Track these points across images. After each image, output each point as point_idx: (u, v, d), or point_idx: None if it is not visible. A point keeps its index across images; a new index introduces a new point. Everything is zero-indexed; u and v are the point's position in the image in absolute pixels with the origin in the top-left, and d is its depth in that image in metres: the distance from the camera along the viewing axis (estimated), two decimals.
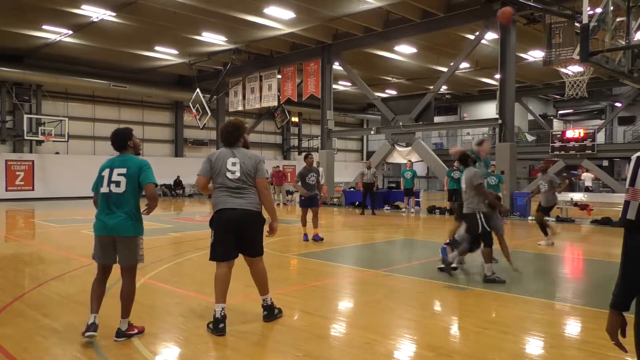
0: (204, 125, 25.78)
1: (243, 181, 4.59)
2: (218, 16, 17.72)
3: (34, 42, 21.34)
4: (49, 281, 6.55)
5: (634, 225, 1.91)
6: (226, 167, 4.59)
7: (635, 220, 1.91)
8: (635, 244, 1.92)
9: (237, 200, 4.58)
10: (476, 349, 4.17)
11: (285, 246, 10.22)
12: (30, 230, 13.25)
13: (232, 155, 4.63)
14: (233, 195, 4.58)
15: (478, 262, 8.67)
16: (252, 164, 4.62)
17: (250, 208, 4.61)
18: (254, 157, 4.68)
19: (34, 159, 24.52)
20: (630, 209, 1.92)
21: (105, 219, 4.36)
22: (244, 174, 4.59)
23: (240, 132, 4.74)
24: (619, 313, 1.99)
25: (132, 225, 4.43)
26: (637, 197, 1.91)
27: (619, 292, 1.97)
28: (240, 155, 4.64)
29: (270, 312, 4.90)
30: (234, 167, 4.59)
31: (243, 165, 4.59)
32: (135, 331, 4.42)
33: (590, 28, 7.42)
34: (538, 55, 21.08)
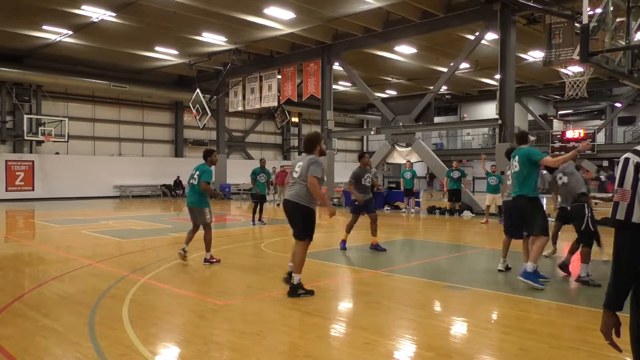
0: (204, 125, 25.78)
1: (297, 180, 5.86)
2: (218, 16, 17.72)
3: (34, 43, 21.34)
4: (49, 281, 6.56)
5: (624, 225, 1.96)
6: (294, 169, 5.99)
7: (624, 220, 1.95)
8: (624, 243, 1.97)
9: (289, 192, 5.96)
10: (476, 349, 4.18)
11: (285, 246, 10.22)
12: (30, 230, 13.25)
13: (301, 160, 5.96)
14: (289, 189, 6.01)
15: (476, 263, 8.67)
16: (306, 165, 5.78)
17: (293, 199, 5.84)
18: (310, 160, 5.83)
19: (34, 159, 24.52)
20: (620, 210, 1.97)
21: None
22: (301, 174, 5.82)
23: (313, 143, 6.02)
24: (612, 313, 2.02)
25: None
26: (626, 197, 1.95)
27: (611, 291, 2.01)
28: (304, 160, 5.88)
29: (293, 289, 5.79)
30: (298, 169, 5.90)
31: (302, 168, 5.82)
32: (215, 260, 7.50)
33: (590, 28, 7.42)
34: (538, 56, 21.08)
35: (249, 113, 32.22)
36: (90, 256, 8.44)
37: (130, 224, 13.81)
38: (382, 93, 31.03)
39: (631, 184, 1.96)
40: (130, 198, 26.31)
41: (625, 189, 1.97)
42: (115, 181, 26.72)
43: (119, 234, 11.51)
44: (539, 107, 35.98)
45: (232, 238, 11.16)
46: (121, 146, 28.41)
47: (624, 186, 1.97)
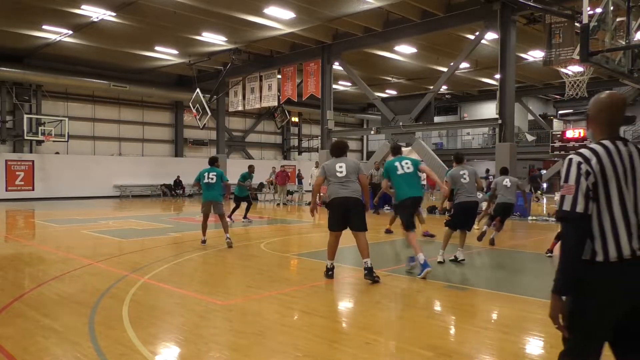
0: (204, 125, 25.77)
1: (347, 178, 6.57)
2: (218, 16, 17.72)
3: (34, 42, 21.34)
4: (49, 281, 6.56)
5: (569, 215, 2.19)
6: (336, 169, 6.62)
7: (569, 210, 2.19)
8: (569, 233, 2.21)
9: (345, 190, 6.54)
10: (476, 349, 4.18)
11: (285, 246, 10.23)
12: (30, 230, 13.25)
13: (338, 162, 6.70)
14: (344, 187, 6.55)
15: (476, 263, 8.67)
16: (354, 165, 6.71)
17: (355, 195, 6.56)
18: (355, 161, 6.87)
19: (34, 159, 24.51)
20: (566, 202, 2.21)
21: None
22: (352, 173, 6.60)
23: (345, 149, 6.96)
24: (559, 298, 2.22)
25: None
26: (571, 191, 2.20)
27: (559, 278, 2.21)
28: (344, 162, 6.70)
29: (369, 271, 6.47)
30: (341, 169, 6.62)
31: (350, 167, 6.62)
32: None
33: (590, 28, 7.43)
34: (538, 55, 21.07)
35: (249, 113, 32.22)
36: (90, 256, 8.44)
37: (130, 224, 13.81)
38: (382, 93, 31.02)
39: (574, 179, 2.20)
40: (130, 198, 26.31)
41: (570, 184, 2.21)
42: (115, 181, 26.72)
43: (119, 234, 11.51)
44: (539, 106, 35.98)
45: (232, 237, 11.16)
46: (121, 146, 28.41)
47: (569, 182, 2.22)
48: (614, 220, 2.19)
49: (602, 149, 2.25)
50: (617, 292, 2.16)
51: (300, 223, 14.95)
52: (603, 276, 2.17)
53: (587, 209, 2.18)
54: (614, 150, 2.24)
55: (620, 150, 2.25)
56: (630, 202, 2.21)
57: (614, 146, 2.26)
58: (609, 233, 2.18)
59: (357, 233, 6.65)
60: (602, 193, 2.20)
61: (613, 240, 2.17)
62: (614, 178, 2.20)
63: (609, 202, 2.20)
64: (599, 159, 2.21)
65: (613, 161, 2.22)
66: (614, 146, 2.26)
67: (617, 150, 2.25)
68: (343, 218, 6.62)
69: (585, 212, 2.18)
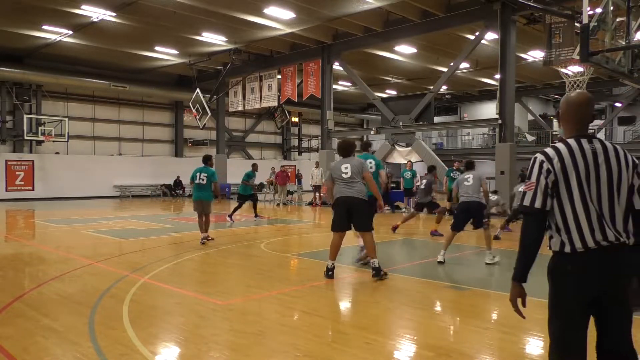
0: (204, 125, 25.77)
1: (351, 179, 6.67)
2: (218, 16, 17.72)
3: (34, 42, 21.34)
4: (49, 281, 6.56)
5: (528, 210, 2.37)
6: (341, 170, 6.72)
7: (529, 206, 2.36)
8: (528, 225, 2.39)
9: (348, 190, 6.65)
10: (476, 349, 4.17)
11: (285, 246, 10.23)
12: (30, 230, 13.25)
13: (344, 162, 6.80)
14: (347, 187, 6.66)
15: (477, 263, 8.67)
16: (359, 165, 6.73)
17: (356, 195, 6.63)
18: (360, 160, 6.85)
19: (34, 159, 24.52)
20: (526, 198, 2.38)
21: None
22: (356, 173, 6.67)
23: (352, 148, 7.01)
24: (519, 285, 2.47)
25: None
26: (531, 188, 2.37)
27: (518, 266, 2.43)
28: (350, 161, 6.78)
29: (377, 271, 6.63)
30: (346, 170, 6.70)
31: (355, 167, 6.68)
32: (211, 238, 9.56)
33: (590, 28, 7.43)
34: (538, 56, 21.06)
35: (248, 113, 32.21)
36: (90, 256, 8.44)
37: (130, 224, 13.81)
38: (382, 93, 31.02)
39: (535, 177, 2.37)
40: (130, 198, 26.32)
41: (531, 181, 2.38)
42: (115, 181, 26.73)
43: (119, 234, 11.51)
44: (539, 106, 35.96)
45: (232, 237, 11.17)
46: (121, 146, 28.41)
47: (531, 179, 2.39)
48: (576, 214, 2.32)
49: (565, 147, 2.37)
50: (586, 280, 2.31)
51: (300, 223, 14.95)
52: (572, 265, 2.33)
53: (545, 204, 2.34)
54: (576, 148, 2.36)
55: (584, 148, 2.36)
56: (593, 197, 2.32)
57: (577, 145, 2.37)
58: (572, 226, 2.32)
59: (362, 233, 6.83)
60: (564, 189, 2.33)
61: (577, 232, 2.31)
62: (574, 175, 2.32)
63: (570, 198, 2.33)
64: (561, 157, 2.35)
65: (575, 159, 2.34)
66: (578, 145, 2.37)
67: (580, 149, 2.36)
68: (346, 218, 6.71)
69: (543, 207, 2.34)
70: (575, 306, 2.35)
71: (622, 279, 2.34)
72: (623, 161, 2.38)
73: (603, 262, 2.30)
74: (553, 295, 2.43)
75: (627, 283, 2.38)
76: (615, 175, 2.35)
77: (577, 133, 2.44)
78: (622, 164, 2.37)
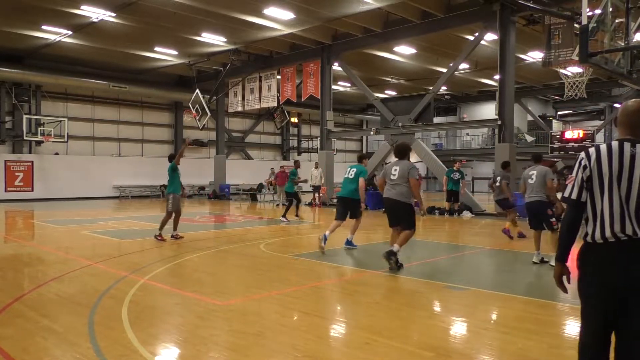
0: (203, 125, 25.76)
1: (397, 181, 7.26)
2: (218, 17, 17.72)
3: (34, 43, 21.33)
4: (48, 282, 6.55)
5: (567, 200, 2.70)
6: (391, 172, 7.37)
7: (568, 197, 2.69)
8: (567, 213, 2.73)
9: (391, 192, 7.31)
10: (476, 349, 4.18)
11: (284, 247, 10.23)
12: (30, 231, 13.24)
13: (395, 165, 7.39)
14: (391, 189, 7.33)
15: (476, 264, 8.68)
16: (406, 169, 7.25)
17: (397, 198, 7.27)
18: (409, 165, 7.32)
19: (34, 159, 24.50)
20: (567, 189, 2.71)
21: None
22: (402, 176, 7.23)
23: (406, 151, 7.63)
24: (562, 264, 2.73)
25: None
26: (571, 181, 2.70)
27: (558, 248, 2.75)
28: (400, 165, 7.35)
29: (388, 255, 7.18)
30: (395, 172, 7.31)
31: (402, 171, 7.25)
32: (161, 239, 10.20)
33: (589, 29, 7.44)
34: (537, 56, 21.05)
35: (248, 113, 32.20)
36: (90, 257, 8.43)
37: (129, 225, 13.81)
38: (381, 93, 31.02)
39: (575, 171, 2.68)
40: (129, 198, 26.31)
41: (572, 175, 2.70)
42: (114, 181, 26.72)
43: (119, 235, 11.51)
44: (539, 107, 35.98)
45: (231, 238, 11.17)
46: (120, 146, 28.40)
47: (572, 173, 2.71)
48: (602, 208, 2.57)
49: (606, 148, 2.61)
50: (603, 269, 2.53)
51: (299, 224, 14.94)
52: (592, 254, 2.59)
53: (581, 196, 2.64)
54: (616, 150, 2.58)
55: (624, 150, 2.56)
56: (622, 195, 2.53)
57: (619, 146, 2.58)
58: (597, 219, 2.58)
59: (401, 229, 7.39)
60: (597, 185, 2.60)
61: (599, 225, 2.56)
62: (607, 173, 2.56)
63: (601, 193, 2.58)
64: (598, 156, 2.60)
65: (611, 159, 2.57)
66: (619, 147, 2.58)
67: (619, 150, 2.57)
68: (391, 216, 7.50)
69: (579, 199, 2.65)
70: (592, 292, 2.57)
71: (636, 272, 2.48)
72: None
73: (620, 253, 2.50)
74: (578, 280, 2.65)
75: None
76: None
77: (625, 137, 2.65)
78: None
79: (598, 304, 2.58)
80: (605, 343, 2.58)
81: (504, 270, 7.76)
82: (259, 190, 26.35)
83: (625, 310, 2.51)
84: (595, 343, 2.60)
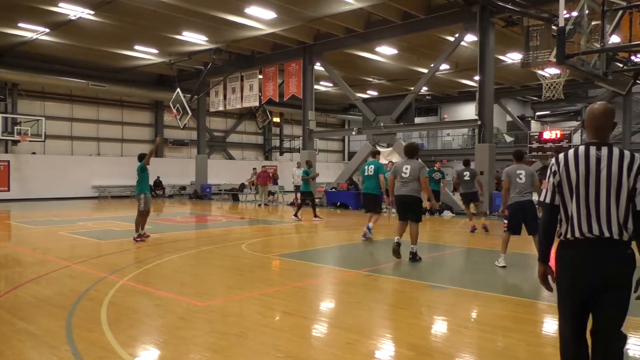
0: (184, 125, 25.54)
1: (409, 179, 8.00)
2: (198, 15, 17.59)
3: (10, 40, 20.91)
4: (25, 284, 6.43)
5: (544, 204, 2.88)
6: (402, 170, 8.09)
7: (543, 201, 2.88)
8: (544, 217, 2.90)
9: (404, 188, 8.06)
10: (456, 348, 4.22)
11: (266, 247, 10.20)
12: (6, 231, 12.98)
13: (406, 164, 8.13)
14: (403, 186, 8.08)
15: (456, 263, 8.77)
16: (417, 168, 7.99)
17: (411, 194, 8.03)
18: (419, 164, 8.07)
19: (10, 159, 24.00)
20: (542, 194, 2.90)
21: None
22: (413, 175, 7.96)
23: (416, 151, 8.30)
24: (544, 264, 2.92)
25: None
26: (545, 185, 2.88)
27: (540, 249, 2.96)
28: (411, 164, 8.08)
29: (413, 256, 7.99)
30: (406, 170, 8.03)
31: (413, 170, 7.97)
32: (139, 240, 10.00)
33: (566, 31, 7.57)
34: (516, 58, 21.37)
35: (230, 113, 32.02)
36: (68, 258, 8.30)
37: (108, 225, 13.62)
38: (363, 93, 31.14)
39: (547, 176, 2.87)
40: (109, 198, 25.96)
41: (545, 180, 2.90)
42: (93, 181, 26.33)
43: (97, 235, 11.35)
44: (517, 108, 36.48)
45: (212, 239, 11.10)
46: (100, 146, 28.01)
47: (546, 178, 2.88)
48: (571, 210, 2.75)
49: (573, 153, 2.79)
50: (574, 265, 2.72)
51: (281, 224, 14.92)
52: (565, 251, 2.79)
53: (554, 200, 2.84)
54: (582, 154, 2.74)
55: (590, 154, 2.72)
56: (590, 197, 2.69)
57: (585, 151, 2.74)
58: (568, 219, 2.76)
59: (410, 223, 8.13)
60: (566, 188, 2.77)
61: (570, 224, 2.74)
62: (575, 178, 2.74)
63: (570, 196, 2.76)
64: (566, 161, 2.79)
65: (577, 164, 2.74)
66: (585, 151, 2.74)
67: (585, 154, 2.73)
68: (402, 210, 8.23)
69: (552, 202, 2.84)
70: (568, 283, 2.75)
71: (603, 268, 2.65)
72: (626, 167, 2.65)
73: (589, 252, 2.68)
74: (557, 272, 2.85)
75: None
76: (614, 179, 2.65)
77: (591, 140, 2.78)
78: (623, 170, 2.65)
79: (570, 299, 2.75)
80: (580, 336, 2.75)
81: (484, 270, 7.85)
82: (241, 190, 26.24)
83: (595, 304, 2.69)
84: (572, 336, 2.75)
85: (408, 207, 8.12)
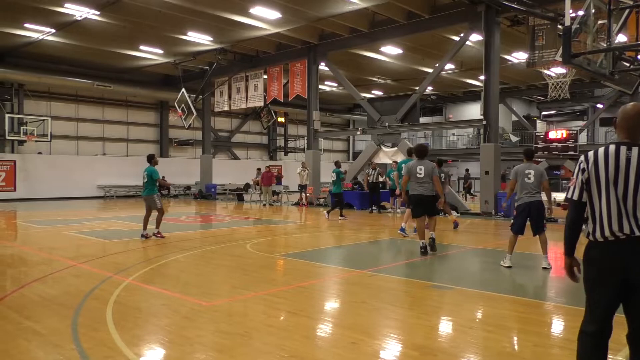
0: (189, 125, 25.59)
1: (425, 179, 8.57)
2: (203, 16, 17.63)
3: (16, 41, 21.03)
4: (31, 283, 6.46)
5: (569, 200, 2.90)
6: (417, 171, 8.60)
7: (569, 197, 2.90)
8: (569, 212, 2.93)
9: (422, 188, 8.62)
10: (461, 348, 4.21)
11: (271, 247, 10.21)
12: (12, 231, 13.04)
13: (419, 165, 8.65)
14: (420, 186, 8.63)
15: (461, 263, 8.74)
16: (430, 168, 8.61)
17: (430, 193, 8.64)
18: (432, 165, 8.71)
19: (16, 159, 24.14)
20: (569, 190, 2.91)
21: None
22: (427, 175, 8.56)
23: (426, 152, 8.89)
24: (570, 257, 2.95)
25: None
26: (572, 183, 2.90)
27: (566, 243, 2.96)
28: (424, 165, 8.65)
29: (433, 241, 8.81)
30: (421, 171, 8.58)
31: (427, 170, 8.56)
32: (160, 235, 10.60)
33: (572, 30, 7.53)
34: (522, 57, 21.29)
35: (234, 113, 32.09)
36: (74, 257, 8.34)
37: (114, 225, 13.68)
38: (368, 93, 31.12)
39: (575, 173, 2.88)
40: (114, 198, 26.06)
41: (573, 177, 2.89)
42: (99, 181, 26.44)
43: (103, 235, 11.39)
44: (523, 108, 36.37)
45: (217, 238, 11.12)
46: (105, 146, 28.12)
47: (573, 175, 2.90)
48: (600, 208, 2.76)
49: (603, 151, 2.78)
50: (603, 264, 2.75)
51: (286, 223, 14.93)
52: (594, 251, 2.81)
53: (581, 197, 2.85)
54: (612, 153, 2.74)
55: (620, 153, 2.73)
56: (619, 196, 2.71)
57: (615, 150, 2.74)
58: (597, 218, 2.77)
59: (430, 217, 8.91)
60: (594, 186, 2.79)
61: (599, 224, 2.76)
62: (604, 176, 2.74)
63: (598, 194, 2.78)
64: (595, 159, 2.79)
65: (607, 162, 2.74)
66: (616, 150, 2.74)
67: (615, 154, 2.74)
68: (421, 208, 8.70)
69: (579, 199, 2.86)
70: (596, 281, 2.78)
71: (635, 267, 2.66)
72: None
73: (620, 251, 2.70)
74: (584, 270, 2.87)
75: None
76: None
77: (622, 140, 2.79)
78: None
79: (600, 298, 2.78)
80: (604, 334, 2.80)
81: (489, 269, 7.82)
82: (246, 190, 26.27)
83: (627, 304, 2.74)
84: (595, 332, 2.80)
85: (427, 205, 8.68)
